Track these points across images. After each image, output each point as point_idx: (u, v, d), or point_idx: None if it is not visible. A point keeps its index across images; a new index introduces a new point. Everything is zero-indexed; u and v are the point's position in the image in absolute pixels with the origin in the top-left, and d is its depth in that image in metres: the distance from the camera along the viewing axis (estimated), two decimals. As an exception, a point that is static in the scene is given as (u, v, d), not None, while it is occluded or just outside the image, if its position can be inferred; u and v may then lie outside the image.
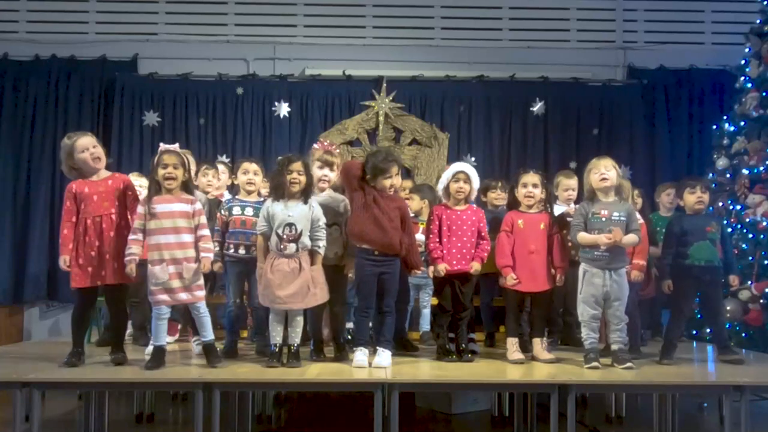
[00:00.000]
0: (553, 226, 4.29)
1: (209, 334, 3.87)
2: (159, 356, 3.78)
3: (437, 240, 4.20)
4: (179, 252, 3.78)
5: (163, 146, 3.97)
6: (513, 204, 4.41)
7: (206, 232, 3.90)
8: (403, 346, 4.49)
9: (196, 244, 3.85)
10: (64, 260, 3.88)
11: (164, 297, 3.78)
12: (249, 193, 4.43)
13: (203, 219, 3.91)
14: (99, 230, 3.86)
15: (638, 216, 4.27)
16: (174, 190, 3.85)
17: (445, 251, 4.17)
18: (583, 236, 4.05)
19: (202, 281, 3.86)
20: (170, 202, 3.83)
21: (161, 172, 3.83)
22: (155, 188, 3.85)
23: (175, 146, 3.99)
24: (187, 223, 3.84)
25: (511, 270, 4.19)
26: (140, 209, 3.83)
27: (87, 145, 3.94)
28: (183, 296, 3.80)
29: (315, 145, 4.60)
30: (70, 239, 3.88)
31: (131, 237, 3.81)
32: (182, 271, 3.77)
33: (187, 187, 3.93)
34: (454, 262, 4.15)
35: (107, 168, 4.05)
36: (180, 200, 3.85)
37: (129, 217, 3.95)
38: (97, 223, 3.87)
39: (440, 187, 4.36)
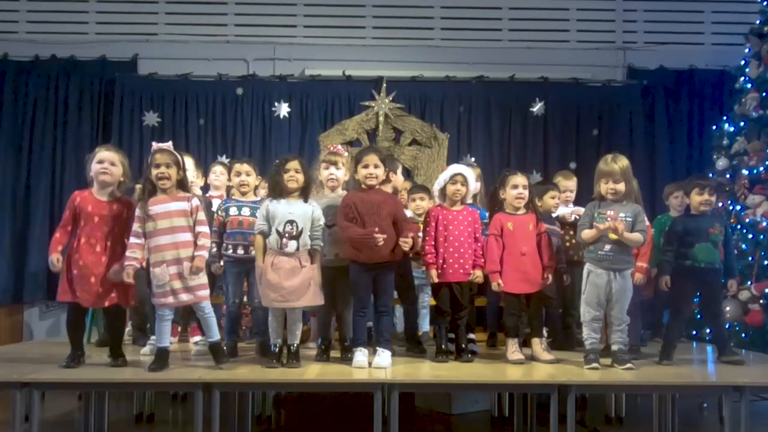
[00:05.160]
0: (539, 225, 4.25)
1: (215, 335, 3.84)
2: (163, 358, 3.74)
3: (433, 243, 4.16)
4: (179, 252, 3.72)
5: (155, 145, 3.88)
6: (494, 205, 4.35)
7: (204, 228, 3.82)
8: (416, 343, 4.44)
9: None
10: (57, 259, 3.77)
11: (167, 299, 3.73)
12: (243, 194, 4.41)
13: (201, 215, 3.83)
14: (92, 252, 3.77)
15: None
16: (169, 190, 3.79)
17: (446, 255, 4.12)
18: (586, 233, 4.03)
19: (205, 281, 3.80)
20: (166, 202, 3.76)
21: (154, 172, 3.76)
22: (150, 189, 3.78)
23: (168, 144, 3.89)
24: (186, 221, 3.77)
25: (499, 276, 4.16)
26: (138, 212, 3.77)
27: (104, 159, 3.84)
28: (185, 297, 3.74)
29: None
30: (60, 243, 3.80)
31: (131, 241, 3.75)
32: (183, 271, 3.70)
33: (183, 185, 3.87)
34: (451, 271, 4.12)
35: (126, 191, 3.97)
36: (176, 199, 3.79)
37: (125, 241, 3.84)
38: (92, 246, 3.78)
39: (436, 188, 4.33)
